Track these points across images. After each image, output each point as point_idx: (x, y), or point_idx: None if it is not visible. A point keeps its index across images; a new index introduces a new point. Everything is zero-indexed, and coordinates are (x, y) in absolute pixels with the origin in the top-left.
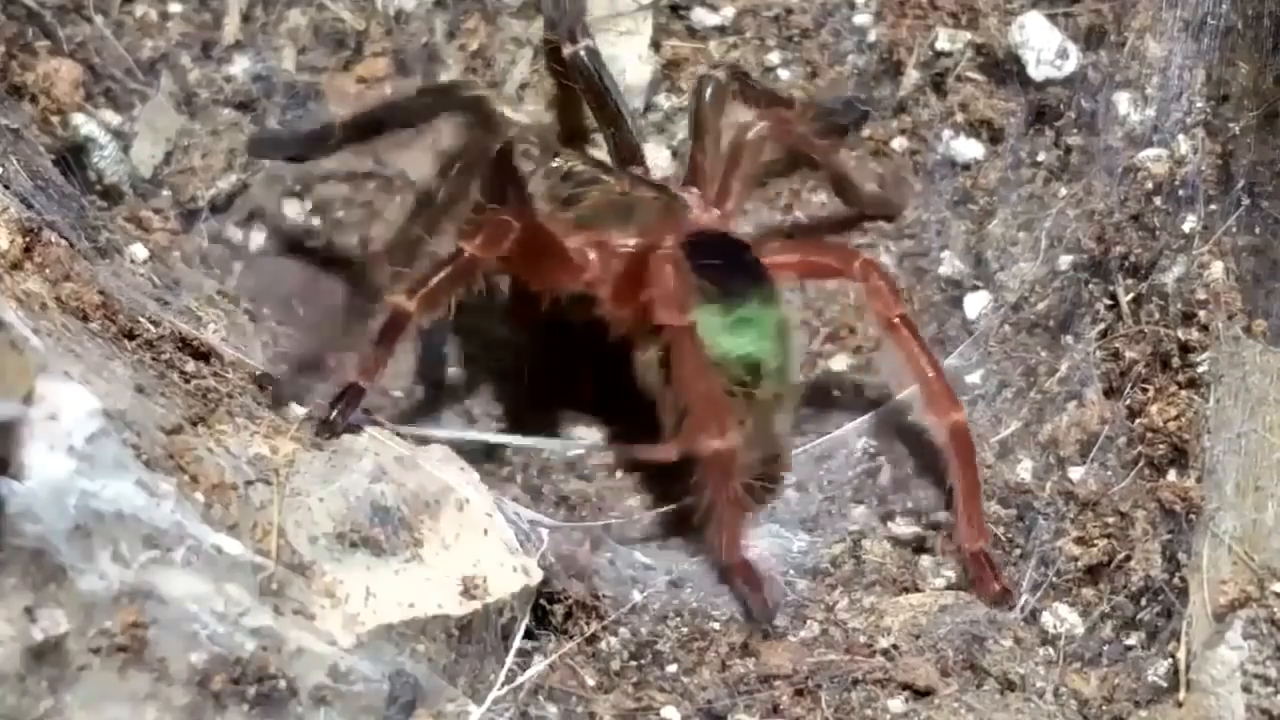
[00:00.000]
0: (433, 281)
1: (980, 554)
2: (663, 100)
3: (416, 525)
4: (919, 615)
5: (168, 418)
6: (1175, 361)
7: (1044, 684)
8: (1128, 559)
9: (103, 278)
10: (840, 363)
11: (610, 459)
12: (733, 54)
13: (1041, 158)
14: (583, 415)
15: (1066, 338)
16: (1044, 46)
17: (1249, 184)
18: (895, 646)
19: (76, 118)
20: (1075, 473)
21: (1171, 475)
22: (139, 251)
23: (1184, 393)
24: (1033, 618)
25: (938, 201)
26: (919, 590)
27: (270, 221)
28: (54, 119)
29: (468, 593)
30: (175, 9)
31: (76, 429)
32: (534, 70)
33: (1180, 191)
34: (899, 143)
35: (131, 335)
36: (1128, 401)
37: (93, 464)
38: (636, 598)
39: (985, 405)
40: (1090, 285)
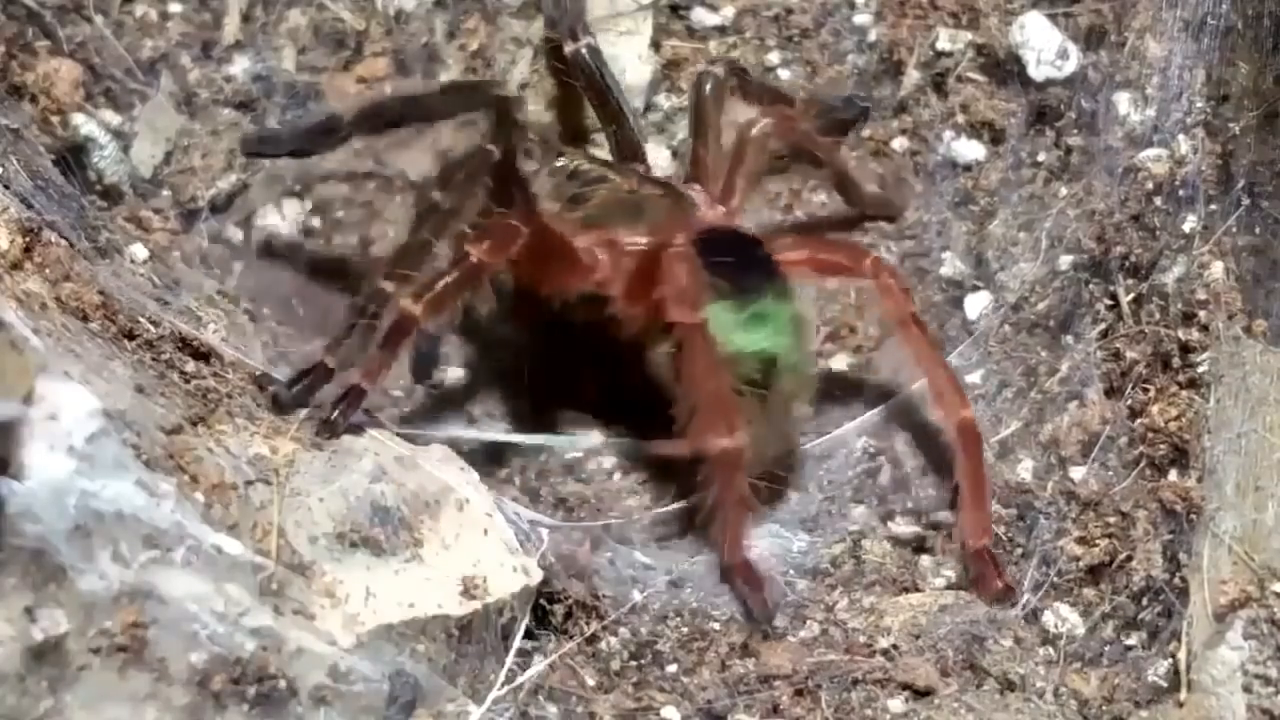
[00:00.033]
0: (439, 286)
1: (984, 552)
2: (663, 100)
3: (416, 525)
4: (919, 615)
5: (168, 418)
6: (1176, 362)
7: (1044, 684)
8: (1129, 559)
9: (103, 278)
10: (840, 362)
11: (609, 461)
12: (733, 54)
13: (1042, 158)
14: (584, 416)
15: (1067, 338)
16: (1044, 47)
17: (1249, 184)
18: (895, 646)
19: (76, 118)
20: (1077, 472)
21: (1173, 475)
22: (139, 251)
23: (1185, 393)
24: (1034, 617)
25: (939, 202)
26: (919, 590)
27: (270, 221)
28: (54, 119)
29: (468, 593)
30: (175, 9)
31: (76, 429)
32: (534, 70)
33: (1180, 191)
34: (899, 143)
35: (131, 335)
36: (1129, 401)
37: (93, 464)
38: (636, 598)
39: (986, 405)
40: (1091, 285)
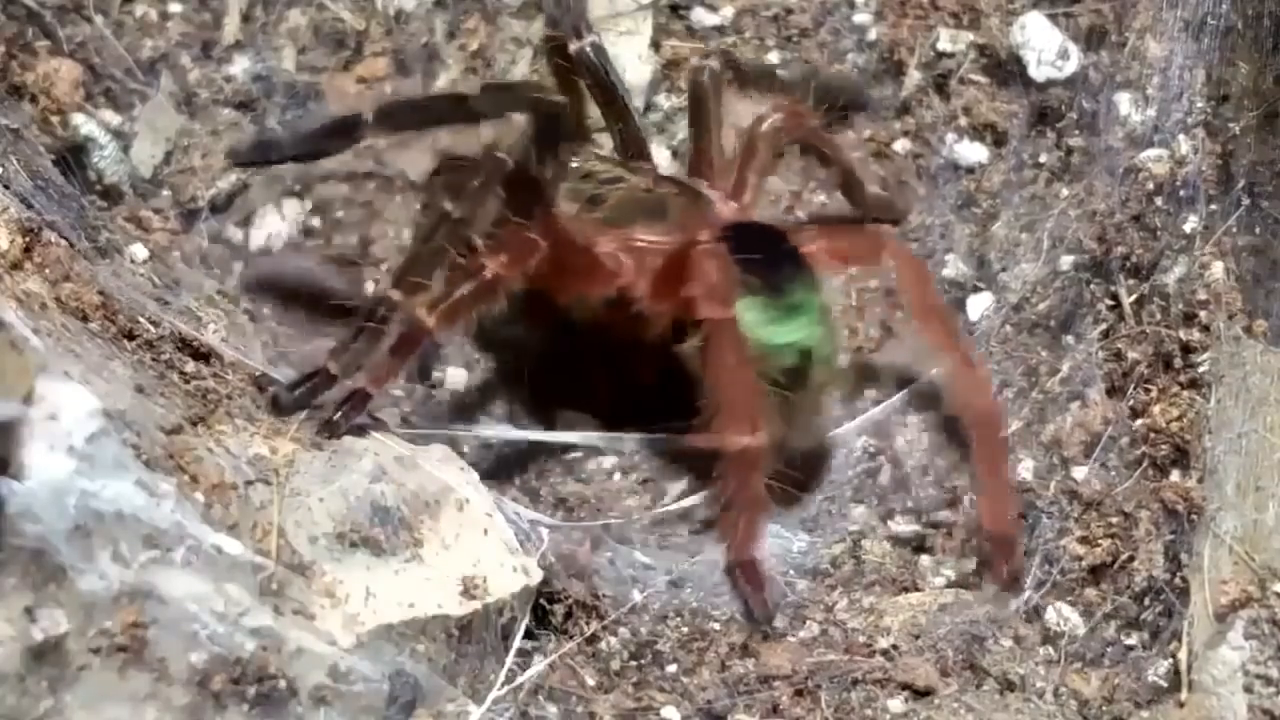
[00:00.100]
0: (454, 297)
1: (1001, 535)
2: (663, 100)
3: (416, 525)
4: (918, 615)
5: (168, 418)
6: (1177, 362)
7: (1044, 684)
8: (1131, 559)
9: (103, 278)
10: (841, 362)
11: (609, 461)
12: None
13: (1043, 159)
14: (585, 416)
15: (1068, 338)
16: (1045, 47)
17: (1249, 184)
18: (895, 646)
19: (76, 118)
20: (1079, 472)
21: (1174, 475)
22: (139, 251)
23: (1186, 393)
24: (1035, 615)
25: (941, 205)
26: (919, 590)
27: (270, 221)
28: (54, 119)
29: (468, 593)
30: (175, 9)
31: (76, 429)
32: (534, 70)
33: (1181, 192)
34: (901, 145)
35: (131, 335)
36: (1130, 401)
37: (93, 464)
38: (636, 598)
39: None
40: (1092, 285)
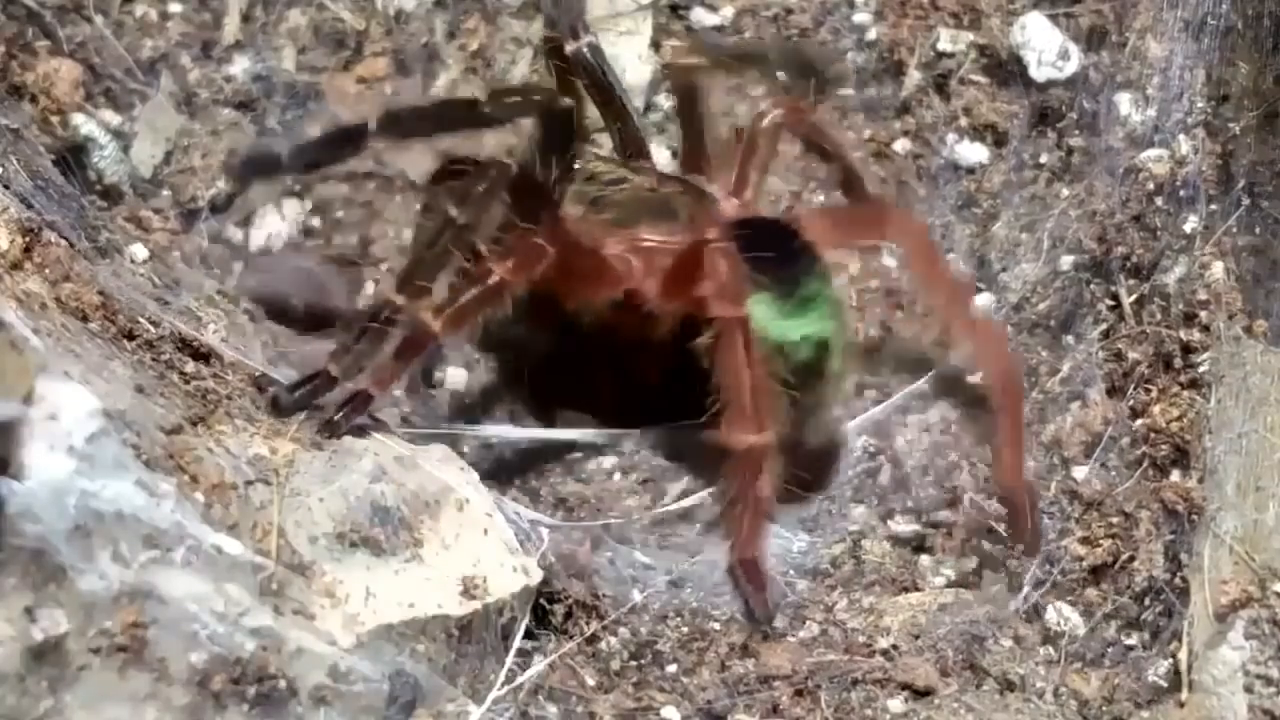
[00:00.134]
0: (460, 302)
1: (1018, 492)
2: (663, 100)
3: (416, 525)
4: (918, 615)
5: (168, 418)
6: (1177, 362)
7: (1044, 684)
8: (1131, 559)
9: (103, 278)
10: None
11: (609, 461)
12: None
13: (1044, 159)
14: (585, 415)
15: (1069, 338)
16: (1045, 47)
17: (1249, 184)
18: (895, 646)
19: (76, 118)
20: (1079, 472)
21: (1174, 475)
22: (139, 251)
23: (1186, 393)
24: (1035, 615)
25: (942, 205)
26: (918, 590)
27: (270, 221)
28: (54, 119)
29: (468, 593)
30: (175, 9)
31: (76, 429)
32: (534, 70)
33: (1181, 192)
34: (902, 145)
35: (131, 335)
36: (1130, 402)
37: (93, 464)
38: (636, 598)
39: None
40: (1092, 286)
